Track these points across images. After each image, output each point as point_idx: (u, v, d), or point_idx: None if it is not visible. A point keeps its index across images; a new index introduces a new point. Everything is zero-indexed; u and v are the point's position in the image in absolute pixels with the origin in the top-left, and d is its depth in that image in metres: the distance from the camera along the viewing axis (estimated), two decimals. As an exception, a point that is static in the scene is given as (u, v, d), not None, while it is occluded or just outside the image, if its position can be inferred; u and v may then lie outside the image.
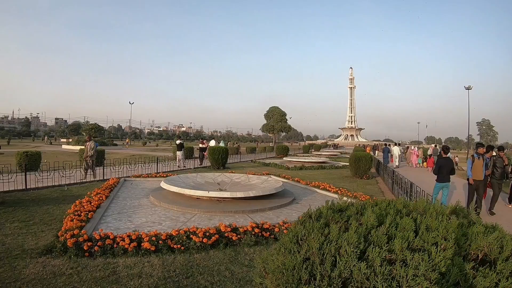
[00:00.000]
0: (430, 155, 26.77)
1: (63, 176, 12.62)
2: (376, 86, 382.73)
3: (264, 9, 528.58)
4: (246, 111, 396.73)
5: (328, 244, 2.00)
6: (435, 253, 1.84)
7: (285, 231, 6.59)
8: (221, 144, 32.45)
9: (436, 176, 9.94)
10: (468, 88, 46.88)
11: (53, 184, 11.85)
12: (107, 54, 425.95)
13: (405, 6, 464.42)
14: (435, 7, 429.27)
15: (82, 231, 5.75)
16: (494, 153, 10.87)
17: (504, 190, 12.94)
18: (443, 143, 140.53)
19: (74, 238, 5.44)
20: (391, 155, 27.55)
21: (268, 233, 6.59)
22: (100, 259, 5.21)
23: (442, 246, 1.91)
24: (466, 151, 56.90)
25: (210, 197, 9.52)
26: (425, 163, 27.33)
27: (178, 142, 22.35)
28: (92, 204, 8.12)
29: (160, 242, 5.66)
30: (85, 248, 5.31)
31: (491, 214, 9.99)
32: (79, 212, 7.26)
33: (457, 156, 33.70)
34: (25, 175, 11.38)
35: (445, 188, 9.86)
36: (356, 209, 2.53)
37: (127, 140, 78.16)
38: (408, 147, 35.60)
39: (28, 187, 11.01)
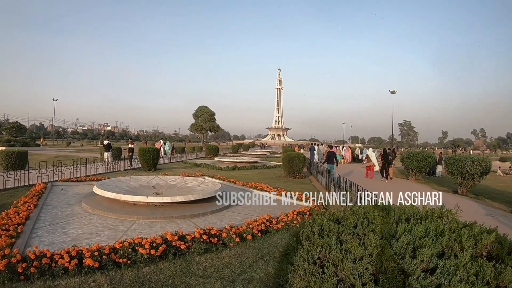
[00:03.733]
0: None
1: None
2: (302, 86, 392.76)
3: (191, 9, 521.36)
4: (173, 110, 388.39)
5: (360, 261, 1.93)
6: (461, 257, 1.92)
7: (233, 235, 6.45)
8: (167, 144, 31.83)
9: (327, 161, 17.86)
10: (393, 92, 49.94)
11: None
12: (28, 45, 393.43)
13: (334, 8, 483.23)
14: (364, 10, 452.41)
15: (14, 250, 5.04)
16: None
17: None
18: (366, 143, 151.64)
19: (6, 259, 4.73)
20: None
21: (216, 239, 6.33)
22: (39, 282, 4.58)
23: (465, 250, 2.00)
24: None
25: (148, 202, 9.04)
26: (342, 160, 32.09)
27: (105, 142, 21.36)
28: (20, 215, 7.29)
29: (104, 257, 5.14)
30: (19, 270, 4.63)
31: None
32: (7, 226, 6.46)
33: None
34: None
35: (332, 167, 16.82)
36: (356, 218, 2.45)
37: (41, 140, 73.06)
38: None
39: None
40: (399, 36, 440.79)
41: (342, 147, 38.48)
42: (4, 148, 23.82)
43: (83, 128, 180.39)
